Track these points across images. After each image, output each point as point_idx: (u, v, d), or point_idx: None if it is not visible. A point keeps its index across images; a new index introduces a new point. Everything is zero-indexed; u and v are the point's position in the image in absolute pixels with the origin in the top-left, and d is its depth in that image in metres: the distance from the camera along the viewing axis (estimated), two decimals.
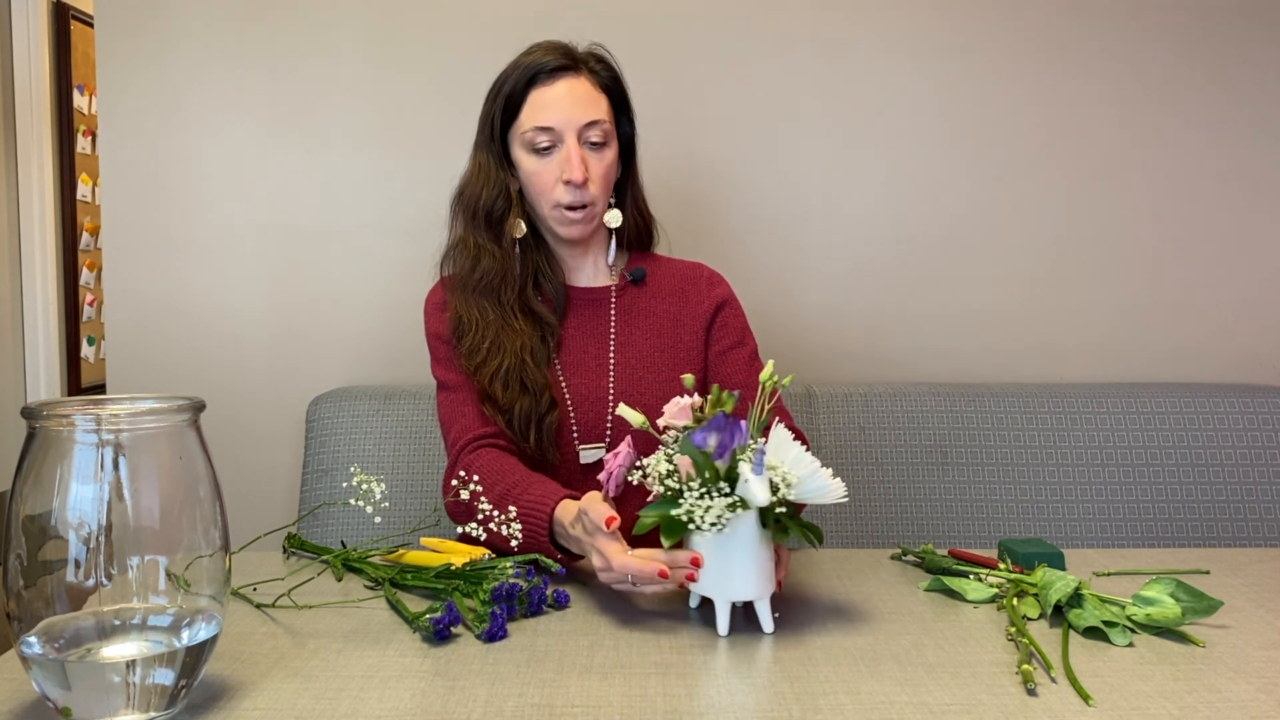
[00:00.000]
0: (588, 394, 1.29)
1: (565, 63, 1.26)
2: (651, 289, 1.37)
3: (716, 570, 0.88)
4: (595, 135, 1.25)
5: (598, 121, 1.25)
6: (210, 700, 0.75)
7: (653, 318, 1.35)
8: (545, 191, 1.26)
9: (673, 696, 0.75)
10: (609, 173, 1.29)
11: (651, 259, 1.40)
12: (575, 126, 1.24)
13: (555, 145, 1.24)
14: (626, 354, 1.32)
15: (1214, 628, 0.91)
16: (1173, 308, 1.91)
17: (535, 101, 1.25)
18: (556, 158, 1.25)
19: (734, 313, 1.37)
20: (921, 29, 1.88)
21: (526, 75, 1.25)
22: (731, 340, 1.35)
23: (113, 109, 1.86)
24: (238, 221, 1.88)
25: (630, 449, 0.98)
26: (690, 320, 1.35)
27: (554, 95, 1.24)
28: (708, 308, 1.35)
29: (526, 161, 1.27)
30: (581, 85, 1.26)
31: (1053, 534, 1.65)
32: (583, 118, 1.24)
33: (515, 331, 1.26)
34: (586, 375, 1.30)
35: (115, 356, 1.90)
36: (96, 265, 3.78)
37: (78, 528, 0.67)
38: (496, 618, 0.87)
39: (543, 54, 1.26)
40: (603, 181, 1.27)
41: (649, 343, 1.33)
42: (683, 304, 1.36)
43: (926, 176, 1.90)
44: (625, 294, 1.36)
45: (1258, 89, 1.89)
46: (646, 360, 1.32)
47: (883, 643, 0.86)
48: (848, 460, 1.68)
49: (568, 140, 1.24)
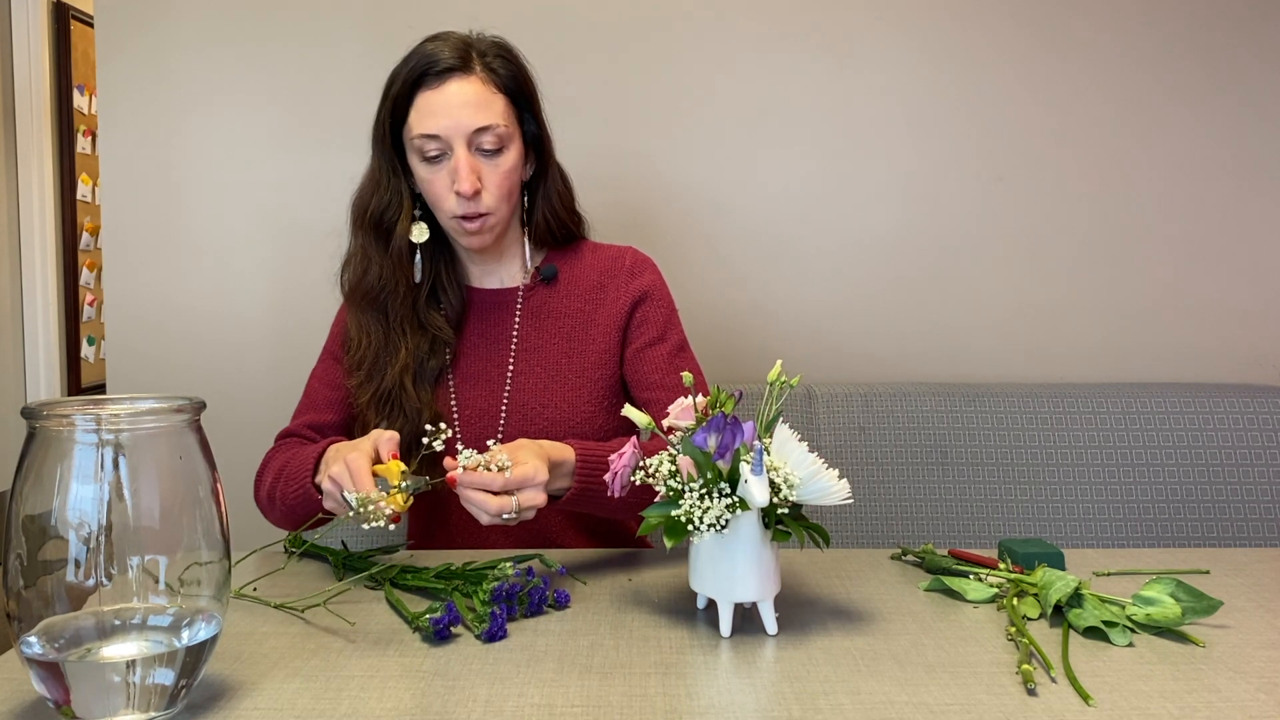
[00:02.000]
0: (479, 409, 1.23)
1: (454, 62, 1.15)
2: (565, 287, 1.28)
3: (719, 571, 0.88)
4: (488, 142, 1.15)
5: (490, 127, 1.15)
6: (210, 700, 0.75)
7: (562, 319, 1.27)
8: (439, 201, 1.18)
9: (673, 696, 0.75)
10: (507, 179, 1.19)
11: (574, 254, 1.31)
12: (464, 134, 1.14)
13: (445, 153, 1.16)
14: (529, 362, 1.25)
15: (1214, 628, 0.91)
16: (1173, 308, 1.91)
17: (421, 106, 1.15)
18: (447, 166, 1.16)
19: (656, 305, 1.28)
20: (923, 27, 1.88)
21: (412, 76, 1.16)
22: (651, 335, 1.27)
23: (113, 109, 1.86)
24: (238, 221, 1.88)
25: (635, 449, 0.98)
26: (604, 319, 1.27)
27: (441, 100, 1.14)
28: (624, 304, 1.27)
29: (419, 168, 1.19)
30: (471, 87, 1.15)
31: (1053, 534, 1.65)
32: (471, 124, 1.14)
33: (400, 349, 1.21)
34: (480, 388, 1.24)
35: (115, 356, 1.90)
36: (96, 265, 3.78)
37: (78, 528, 0.67)
38: (496, 618, 0.87)
39: (431, 52, 1.16)
40: (500, 189, 1.18)
41: (555, 348, 1.26)
42: (598, 301, 1.27)
43: (926, 176, 1.90)
44: (534, 295, 1.28)
45: (1258, 88, 1.89)
46: (551, 368, 1.25)
47: (883, 643, 0.86)
48: (848, 460, 1.68)
49: (456, 149, 1.15)
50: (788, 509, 0.88)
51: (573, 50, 1.85)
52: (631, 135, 1.87)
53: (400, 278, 1.22)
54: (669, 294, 1.31)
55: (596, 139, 1.87)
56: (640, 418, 0.95)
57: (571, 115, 1.87)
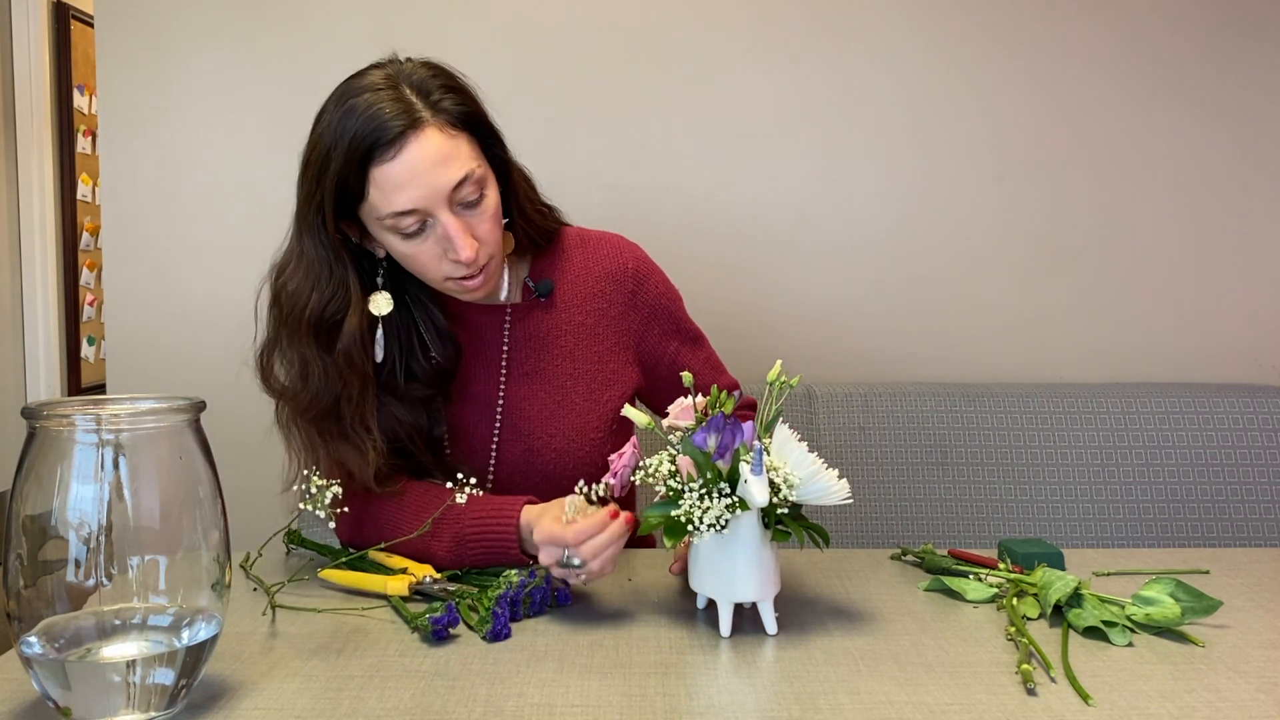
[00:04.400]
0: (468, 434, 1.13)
1: (403, 122, 0.97)
2: (562, 298, 1.16)
3: (719, 572, 0.88)
4: (468, 193, 1.00)
5: (466, 177, 0.99)
6: (210, 700, 0.75)
7: (562, 338, 1.15)
8: (427, 270, 1.04)
9: (673, 696, 0.75)
10: (496, 222, 1.04)
11: (561, 252, 1.18)
12: (442, 197, 0.98)
13: (427, 223, 1.00)
14: (529, 386, 1.13)
15: (1214, 628, 0.91)
16: (1173, 308, 1.91)
17: (381, 182, 0.97)
18: (433, 235, 1.01)
19: (670, 314, 1.21)
20: (925, 28, 1.88)
21: (359, 151, 0.97)
22: (675, 346, 1.21)
23: (113, 109, 1.86)
24: (237, 221, 1.88)
25: (635, 449, 0.98)
26: (613, 335, 1.17)
27: (403, 169, 0.96)
28: (637, 320, 1.18)
29: (395, 243, 1.02)
30: (431, 142, 0.97)
31: (1053, 534, 1.65)
32: (447, 183, 0.98)
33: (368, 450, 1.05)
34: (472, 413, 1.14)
35: (115, 356, 1.90)
36: (96, 265, 3.78)
37: (78, 528, 0.67)
38: (499, 617, 0.87)
39: (369, 119, 0.96)
40: (492, 236, 1.04)
41: (559, 369, 1.14)
42: (602, 313, 1.17)
43: (927, 176, 1.90)
44: (528, 315, 1.15)
45: (1259, 91, 1.89)
46: (554, 391, 1.14)
47: (883, 643, 0.86)
48: (848, 460, 1.68)
49: (440, 216, 0.99)
50: (787, 509, 0.88)
51: (572, 50, 1.85)
52: (631, 135, 1.87)
53: (354, 378, 1.04)
54: (671, 287, 1.23)
55: (597, 139, 1.87)
56: (640, 417, 0.94)
57: (571, 117, 1.87)
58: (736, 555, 0.87)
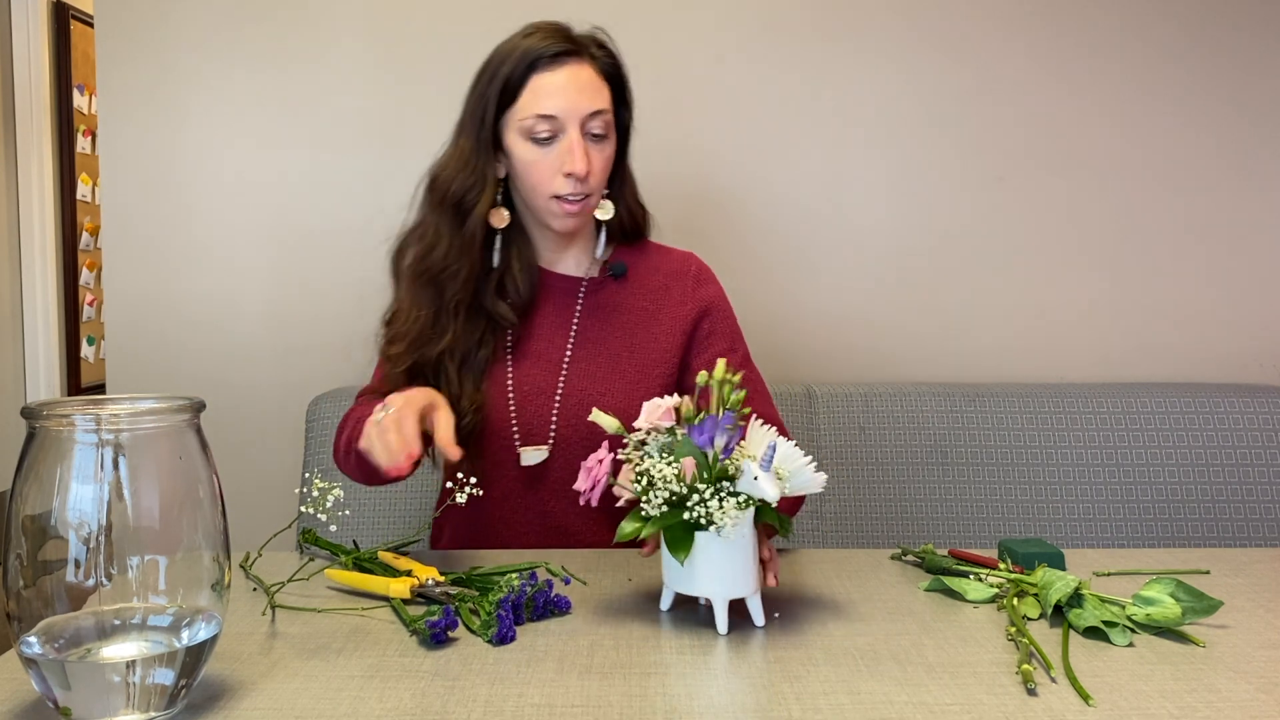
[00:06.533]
0: (535, 387, 1.24)
1: (568, 47, 1.18)
2: (631, 284, 1.30)
3: (716, 570, 0.88)
4: (598, 126, 1.19)
5: (601, 111, 1.18)
6: (210, 700, 0.75)
7: (625, 315, 1.28)
8: (543, 182, 1.19)
9: (673, 696, 0.75)
10: (608, 165, 1.23)
11: (639, 251, 1.33)
12: (579, 116, 1.17)
13: (556, 135, 1.17)
14: (590, 350, 1.26)
15: (1214, 628, 0.91)
16: (1172, 308, 1.92)
17: (536, 88, 1.17)
18: (557, 148, 1.18)
19: (723, 318, 1.31)
20: (925, 32, 1.88)
21: (528, 59, 1.17)
22: (721, 348, 1.29)
23: (113, 109, 1.86)
24: (238, 221, 1.88)
25: (610, 453, 0.97)
26: (668, 320, 1.28)
27: (557, 82, 1.17)
28: (690, 310, 1.29)
29: (523, 150, 1.19)
30: (585, 72, 1.18)
31: (1053, 534, 1.65)
32: (588, 107, 1.17)
33: (447, 332, 1.21)
34: (539, 367, 1.25)
35: (115, 356, 1.90)
36: (96, 265, 3.78)
37: (78, 528, 0.67)
38: (504, 620, 0.87)
39: (544, 36, 1.18)
40: (602, 174, 1.21)
41: (617, 341, 1.27)
42: (661, 302, 1.29)
43: (927, 177, 1.90)
44: (600, 289, 1.29)
45: (1257, 89, 1.89)
46: (611, 359, 1.26)
47: (883, 643, 0.86)
48: (848, 460, 1.68)
49: (570, 131, 1.17)
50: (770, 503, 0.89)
51: None
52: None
53: (465, 261, 1.21)
54: (731, 307, 1.33)
55: None
56: (609, 422, 0.95)
57: None
58: (733, 553, 0.87)
